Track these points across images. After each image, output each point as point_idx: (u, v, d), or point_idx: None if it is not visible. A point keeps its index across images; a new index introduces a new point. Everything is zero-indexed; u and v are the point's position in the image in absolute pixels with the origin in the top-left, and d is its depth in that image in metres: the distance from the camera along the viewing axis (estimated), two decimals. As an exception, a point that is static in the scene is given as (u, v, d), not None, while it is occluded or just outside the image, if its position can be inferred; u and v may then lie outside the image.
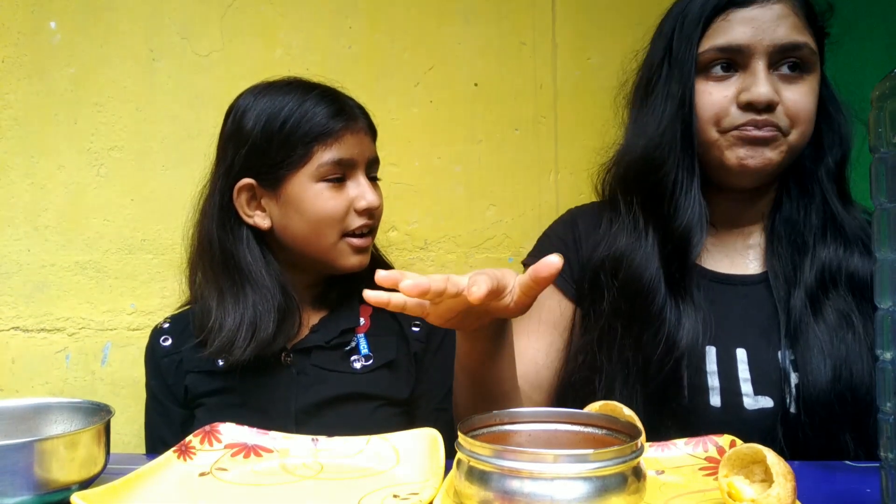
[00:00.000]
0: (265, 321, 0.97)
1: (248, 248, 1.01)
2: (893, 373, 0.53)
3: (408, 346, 1.06)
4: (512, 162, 1.41)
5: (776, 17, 0.86)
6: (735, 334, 0.89)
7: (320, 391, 1.00)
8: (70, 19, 1.37)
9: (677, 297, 0.89)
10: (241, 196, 1.00)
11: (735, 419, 0.85)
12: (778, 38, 0.85)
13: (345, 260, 1.02)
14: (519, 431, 0.64)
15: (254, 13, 1.38)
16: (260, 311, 0.98)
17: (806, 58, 0.87)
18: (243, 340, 0.96)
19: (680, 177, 0.90)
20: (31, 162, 1.37)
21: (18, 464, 0.59)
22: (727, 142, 0.88)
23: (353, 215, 1.00)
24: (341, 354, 1.03)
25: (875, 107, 0.53)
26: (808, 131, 0.89)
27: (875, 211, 0.54)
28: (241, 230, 1.01)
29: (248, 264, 1.00)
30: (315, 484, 0.67)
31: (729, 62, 0.88)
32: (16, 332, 1.38)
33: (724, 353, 0.88)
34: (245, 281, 0.99)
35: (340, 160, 0.98)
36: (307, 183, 0.98)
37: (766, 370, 0.87)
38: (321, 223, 0.99)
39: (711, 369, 0.88)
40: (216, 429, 0.76)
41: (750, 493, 0.55)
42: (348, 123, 0.99)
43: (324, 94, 1.01)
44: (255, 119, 0.99)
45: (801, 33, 0.87)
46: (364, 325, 1.06)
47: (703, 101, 0.89)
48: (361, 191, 1.00)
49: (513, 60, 1.40)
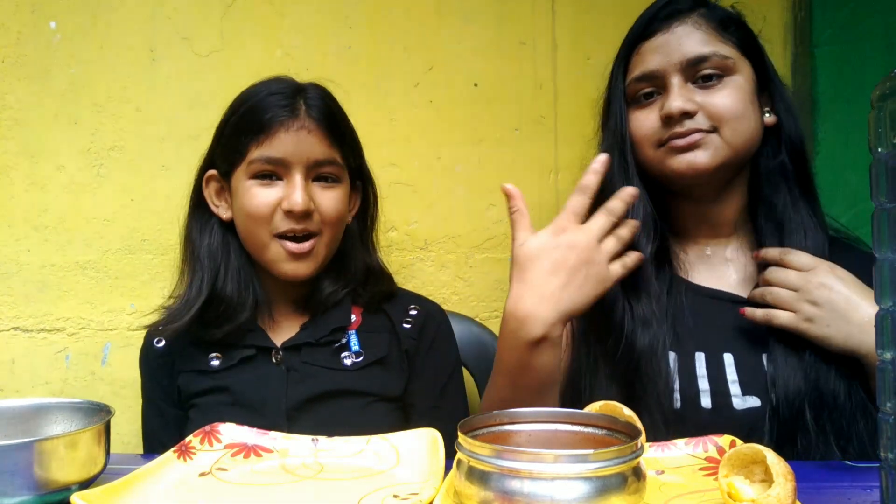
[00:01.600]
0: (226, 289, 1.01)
1: (211, 234, 1.04)
2: (893, 373, 0.53)
3: (399, 343, 1.06)
4: (512, 162, 1.41)
5: (680, 37, 0.94)
6: (722, 341, 0.94)
7: (311, 387, 1.00)
8: (70, 19, 1.37)
9: (634, 304, 0.94)
10: (209, 186, 1.05)
11: (725, 419, 0.89)
12: (685, 54, 0.93)
13: (279, 266, 1.00)
14: (519, 431, 0.64)
15: (254, 13, 1.38)
16: (219, 286, 1.01)
17: (719, 65, 0.93)
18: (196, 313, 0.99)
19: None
20: (31, 162, 1.37)
21: (18, 464, 0.59)
22: (661, 156, 0.95)
23: (281, 216, 0.98)
24: (332, 351, 1.03)
25: (875, 107, 0.53)
26: (743, 127, 0.93)
27: (875, 211, 0.54)
28: (210, 219, 1.05)
29: (205, 247, 1.03)
30: (315, 484, 0.67)
31: (651, 89, 0.96)
32: (16, 332, 1.38)
33: (713, 358, 0.93)
34: (198, 259, 1.03)
35: (269, 158, 0.98)
36: (243, 178, 1.00)
37: (752, 372, 0.92)
38: (249, 220, 1.00)
39: (701, 373, 0.93)
40: (216, 429, 0.76)
41: (750, 493, 0.55)
42: (285, 121, 0.97)
43: (276, 92, 1.00)
44: (225, 113, 1.04)
45: (709, 44, 0.93)
46: (355, 321, 1.06)
47: (635, 127, 0.98)
48: (288, 192, 0.98)
49: (513, 60, 1.40)
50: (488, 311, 1.41)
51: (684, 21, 0.95)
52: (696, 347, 0.94)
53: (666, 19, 0.96)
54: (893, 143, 0.52)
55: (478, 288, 1.41)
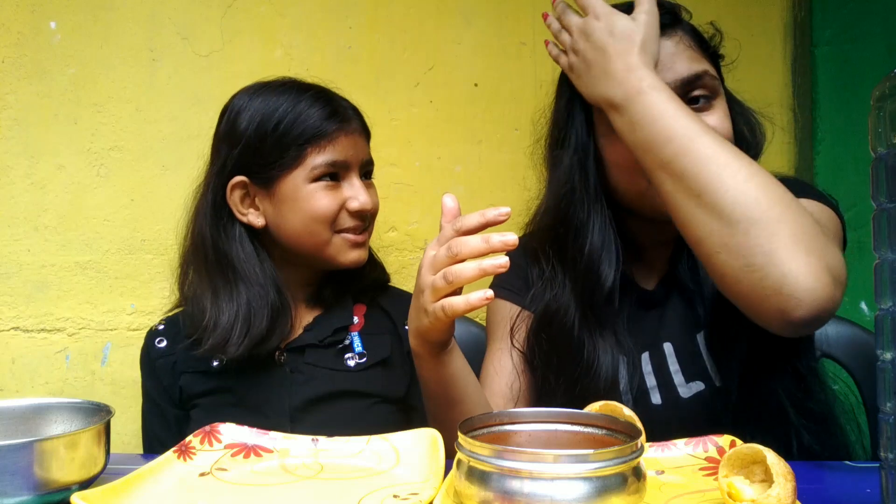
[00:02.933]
0: (259, 318, 0.98)
1: (241, 245, 1.01)
2: (893, 373, 0.53)
3: (402, 344, 1.07)
4: (512, 162, 1.41)
5: (671, 54, 0.86)
6: (663, 333, 0.93)
7: (314, 388, 1.01)
8: (70, 19, 1.37)
9: (595, 337, 0.90)
10: (234, 194, 1.01)
11: (676, 411, 0.90)
12: (679, 73, 0.85)
13: (343, 255, 1.03)
14: (519, 431, 0.64)
15: (254, 13, 1.38)
16: (254, 308, 0.98)
17: (709, 84, 0.87)
18: (238, 337, 0.96)
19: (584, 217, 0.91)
20: (31, 162, 1.37)
21: (18, 464, 0.59)
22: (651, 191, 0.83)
23: (346, 215, 1.01)
24: (335, 352, 1.04)
25: (875, 107, 0.53)
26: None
27: (875, 211, 0.54)
28: (234, 228, 1.02)
29: (242, 262, 1.00)
30: (315, 484, 0.67)
31: None
32: (16, 332, 1.38)
33: (656, 352, 0.93)
34: (238, 278, 0.99)
35: (334, 162, 0.99)
36: (301, 183, 0.99)
37: (690, 357, 0.91)
38: (314, 222, 0.99)
39: (647, 370, 0.92)
40: (216, 429, 0.76)
41: (750, 493, 0.55)
42: (342, 125, 1.00)
43: (318, 96, 1.01)
44: (248, 119, 0.99)
45: (698, 62, 0.87)
46: (358, 323, 1.07)
47: (616, 151, 0.87)
48: (354, 192, 1.01)
49: (513, 60, 1.40)
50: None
51: (669, 36, 0.87)
52: (641, 349, 0.93)
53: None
54: (893, 143, 0.52)
55: (477, 288, 1.40)
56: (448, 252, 0.72)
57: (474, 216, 0.73)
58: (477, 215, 0.73)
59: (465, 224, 0.73)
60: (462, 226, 0.73)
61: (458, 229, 0.73)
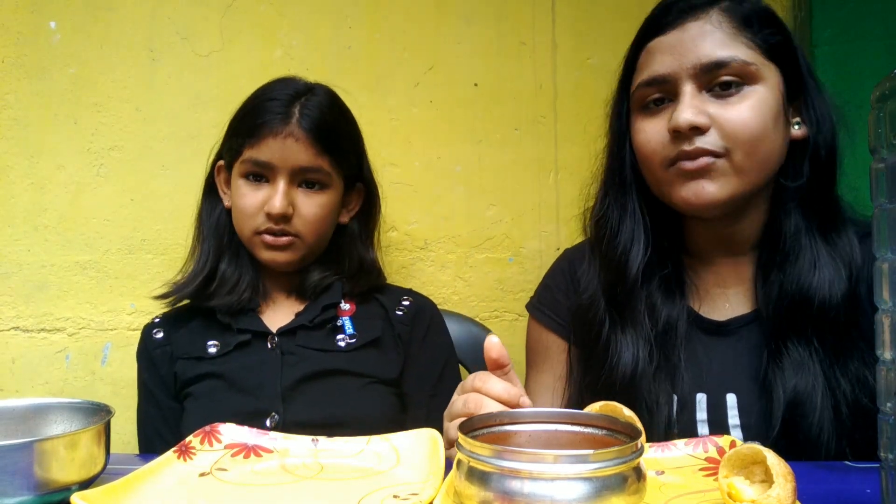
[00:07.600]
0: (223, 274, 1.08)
1: (218, 215, 1.12)
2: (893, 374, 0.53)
3: (393, 328, 1.10)
4: (512, 162, 1.41)
5: (695, 37, 0.81)
6: (726, 381, 0.86)
7: (305, 367, 1.03)
8: (70, 19, 1.37)
9: (621, 327, 0.88)
10: (219, 175, 1.12)
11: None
12: (699, 57, 0.81)
13: (259, 254, 1.08)
14: (519, 432, 0.64)
15: (254, 13, 1.38)
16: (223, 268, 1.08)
17: (739, 71, 0.80)
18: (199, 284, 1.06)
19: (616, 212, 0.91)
20: (31, 162, 1.37)
21: (18, 464, 0.59)
22: (670, 178, 0.84)
23: (262, 216, 1.04)
24: (326, 333, 1.07)
25: (875, 108, 0.53)
26: (760, 150, 0.81)
27: (875, 211, 0.54)
28: (218, 203, 1.13)
29: (212, 226, 1.11)
30: (315, 484, 0.67)
31: (661, 95, 0.84)
32: (16, 332, 1.38)
33: (715, 400, 0.86)
34: (206, 238, 1.11)
35: (256, 161, 1.03)
36: (237, 175, 1.07)
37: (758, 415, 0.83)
38: (238, 215, 1.07)
39: (702, 418, 0.86)
40: (216, 429, 0.76)
41: (750, 493, 0.55)
42: (275, 128, 1.02)
43: (275, 97, 1.04)
44: (238, 108, 1.10)
45: (728, 47, 0.81)
46: (349, 309, 1.10)
47: (639, 139, 0.86)
48: (271, 195, 1.03)
49: (513, 60, 1.40)
50: (488, 311, 1.41)
51: (700, 17, 0.82)
52: (697, 388, 0.86)
53: (680, 13, 0.83)
54: (893, 143, 0.52)
55: (477, 288, 1.41)
56: (464, 408, 0.74)
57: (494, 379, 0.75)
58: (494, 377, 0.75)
59: (488, 389, 0.74)
60: (486, 390, 0.74)
61: (479, 388, 0.74)
